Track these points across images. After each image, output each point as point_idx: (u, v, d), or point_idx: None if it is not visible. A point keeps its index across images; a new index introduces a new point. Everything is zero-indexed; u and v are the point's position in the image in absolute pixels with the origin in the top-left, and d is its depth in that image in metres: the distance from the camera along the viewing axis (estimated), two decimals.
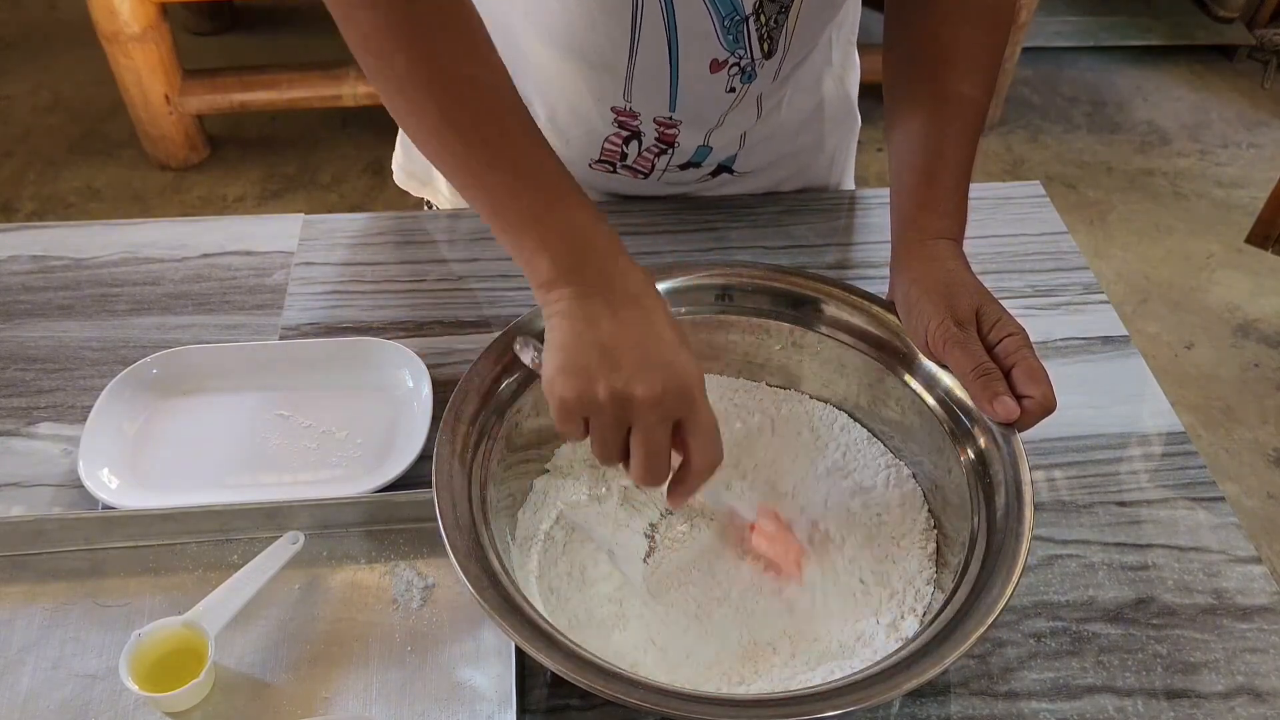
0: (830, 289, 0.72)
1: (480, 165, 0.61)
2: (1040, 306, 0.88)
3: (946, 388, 0.67)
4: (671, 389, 0.56)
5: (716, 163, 0.91)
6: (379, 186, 2.43)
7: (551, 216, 0.60)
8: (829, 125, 0.96)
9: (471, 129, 0.61)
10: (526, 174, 0.61)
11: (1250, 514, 1.82)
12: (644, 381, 0.56)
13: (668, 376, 0.56)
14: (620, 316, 0.58)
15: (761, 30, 0.77)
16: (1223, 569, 0.70)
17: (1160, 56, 2.94)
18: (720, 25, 0.75)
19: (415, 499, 0.69)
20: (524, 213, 0.61)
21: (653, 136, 0.86)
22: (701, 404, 0.58)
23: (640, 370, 0.56)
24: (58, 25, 2.91)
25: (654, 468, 0.58)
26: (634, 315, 0.58)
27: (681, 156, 0.89)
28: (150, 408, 0.77)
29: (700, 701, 0.53)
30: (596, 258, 0.59)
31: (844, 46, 0.92)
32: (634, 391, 0.56)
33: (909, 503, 0.69)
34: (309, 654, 0.63)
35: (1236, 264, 2.31)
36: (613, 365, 0.56)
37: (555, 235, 0.60)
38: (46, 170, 2.45)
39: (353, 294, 0.87)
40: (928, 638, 0.55)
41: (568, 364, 0.57)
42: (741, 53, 0.78)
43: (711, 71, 0.79)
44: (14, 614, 0.65)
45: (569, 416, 0.58)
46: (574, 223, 0.60)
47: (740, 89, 0.81)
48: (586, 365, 0.57)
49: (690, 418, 0.58)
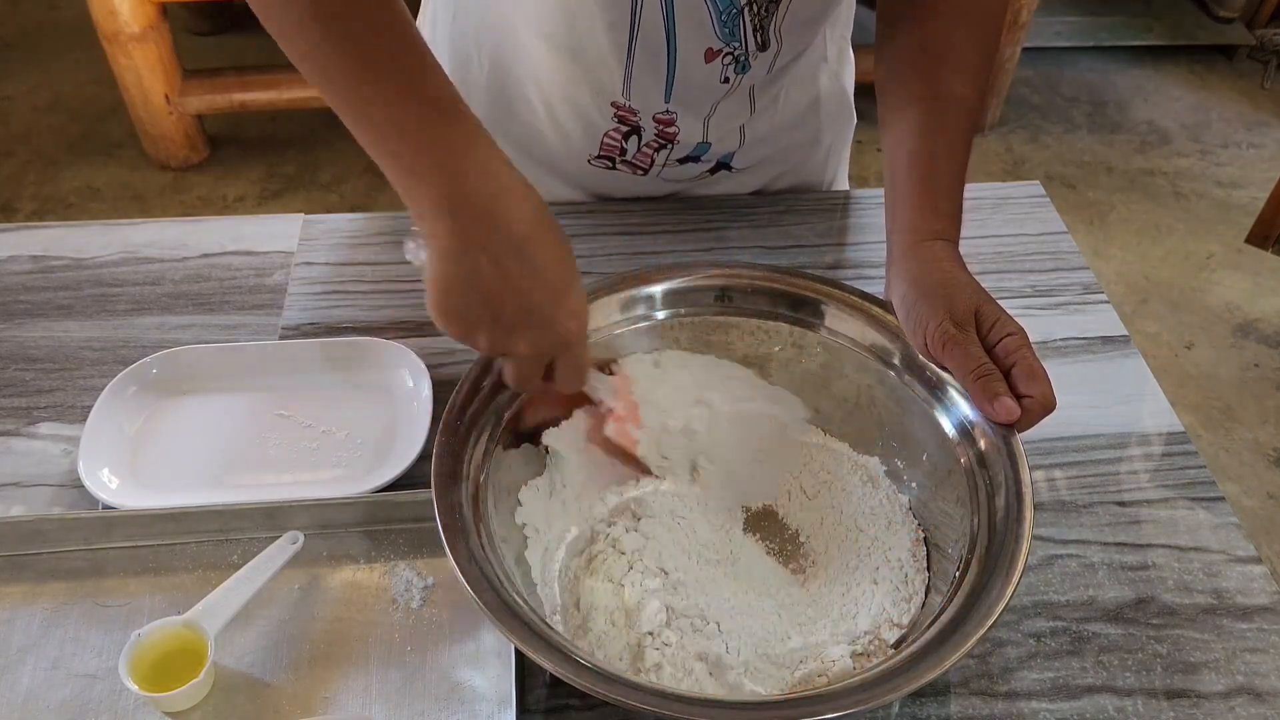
0: (830, 289, 0.72)
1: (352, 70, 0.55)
2: (1040, 306, 0.88)
3: (946, 388, 0.67)
4: (549, 341, 0.59)
5: (716, 159, 0.92)
6: (379, 186, 2.43)
7: (430, 134, 0.55)
8: (825, 121, 0.96)
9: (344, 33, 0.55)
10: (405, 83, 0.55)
11: (1250, 514, 1.82)
12: (523, 337, 0.58)
13: (547, 330, 0.58)
14: (500, 262, 0.55)
15: (754, 20, 0.77)
16: (1223, 569, 0.70)
17: (1160, 56, 2.94)
18: (717, 18, 0.75)
19: (415, 499, 0.69)
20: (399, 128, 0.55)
21: (652, 132, 0.86)
22: (577, 348, 0.61)
23: (520, 324, 0.57)
24: (58, 25, 2.91)
25: (523, 388, 0.63)
26: (516, 260, 0.56)
27: (681, 151, 0.89)
28: (150, 408, 0.77)
29: (700, 704, 0.53)
30: (480, 190, 0.55)
31: (839, 43, 0.93)
32: (514, 347, 0.58)
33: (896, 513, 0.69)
34: (309, 654, 0.63)
35: (1236, 264, 2.31)
36: (493, 317, 0.57)
37: (433, 160, 0.55)
38: (46, 170, 2.45)
39: (353, 294, 0.87)
40: (928, 639, 0.55)
41: (449, 307, 0.57)
42: (736, 44, 0.78)
43: (706, 61, 0.79)
44: (14, 614, 0.65)
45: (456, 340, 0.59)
46: (454, 145, 0.56)
47: (734, 79, 0.81)
48: (463, 313, 0.57)
49: (563, 357, 0.61)
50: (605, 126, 0.86)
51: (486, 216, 0.56)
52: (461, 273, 0.56)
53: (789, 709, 0.52)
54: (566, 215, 0.94)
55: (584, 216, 0.94)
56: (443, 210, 0.55)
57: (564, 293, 0.58)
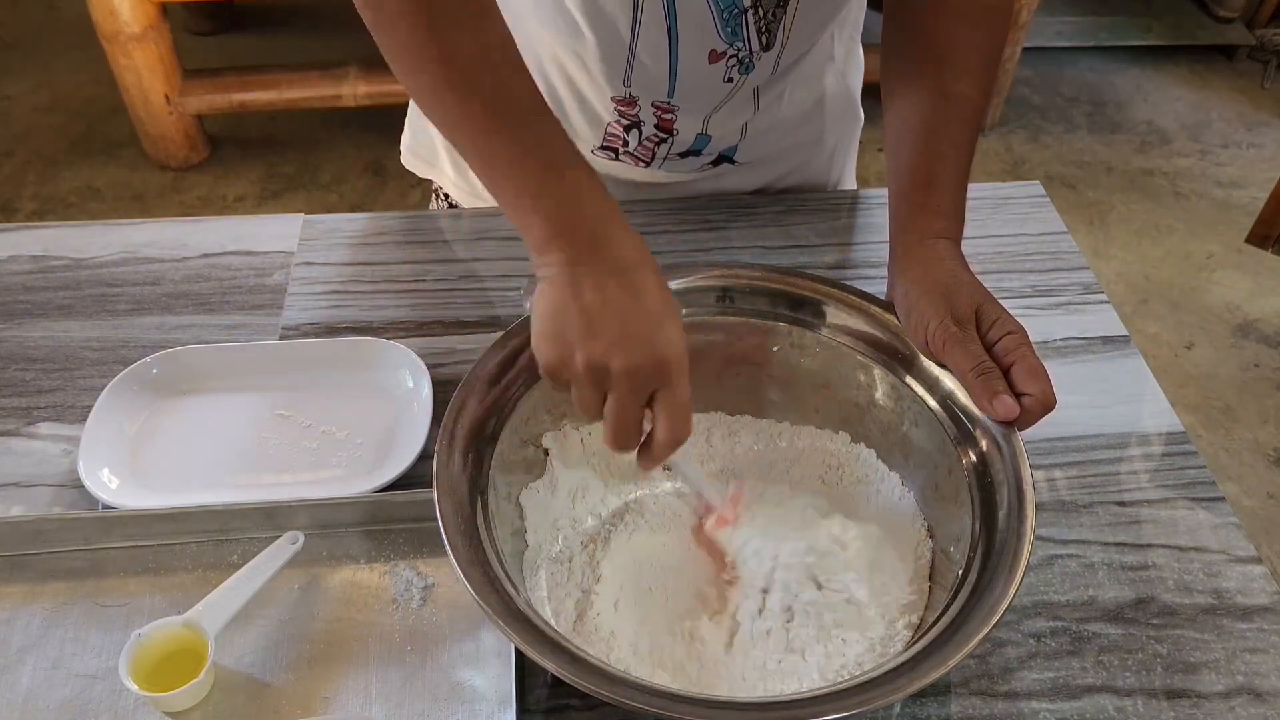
0: (830, 290, 0.72)
1: (480, 128, 0.62)
2: (1040, 306, 0.88)
3: (947, 388, 0.67)
4: (648, 363, 0.57)
5: (717, 152, 0.92)
6: (379, 186, 2.43)
7: (548, 179, 0.61)
8: (830, 121, 0.96)
9: (471, 92, 0.61)
10: (526, 137, 0.61)
11: (1250, 514, 1.82)
12: (620, 354, 0.57)
13: (645, 351, 0.57)
14: (606, 285, 0.58)
15: (760, 23, 0.77)
16: (1223, 569, 0.70)
17: (1160, 56, 2.94)
18: (719, 18, 0.75)
19: (415, 499, 0.69)
20: (522, 176, 0.61)
21: (651, 124, 0.86)
22: (678, 380, 0.58)
23: (618, 342, 0.57)
24: (58, 25, 2.91)
25: (622, 435, 0.59)
26: (619, 285, 0.58)
27: (681, 145, 0.89)
28: (150, 408, 0.77)
29: (701, 704, 0.53)
30: (589, 223, 0.60)
31: (847, 43, 0.93)
32: (610, 363, 0.57)
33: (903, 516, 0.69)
34: (309, 654, 0.63)
35: (1236, 264, 2.31)
36: (592, 334, 0.57)
37: (550, 198, 0.60)
38: (46, 170, 2.45)
39: (353, 294, 0.87)
40: (931, 640, 0.55)
41: (550, 330, 0.59)
42: (740, 45, 0.78)
43: (710, 62, 0.79)
44: (14, 614, 0.65)
45: (552, 377, 0.60)
46: (570, 186, 0.61)
47: (738, 80, 0.82)
48: (566, 333, 0.58)
49: (664, 392, 0.58)
50: (607, 119, 0.87)
51: (595, 242, 0.59)
52: (567, 296, 0.58)
53: (791, 709, 0.52)
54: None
55: None
56: (557, 241, 0.59)
57: (662, 320, 0.58)
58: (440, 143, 0.98)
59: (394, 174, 2.42)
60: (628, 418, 0.58)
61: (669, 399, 0.58)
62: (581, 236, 0.59)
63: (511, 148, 0.61)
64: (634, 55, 0.79)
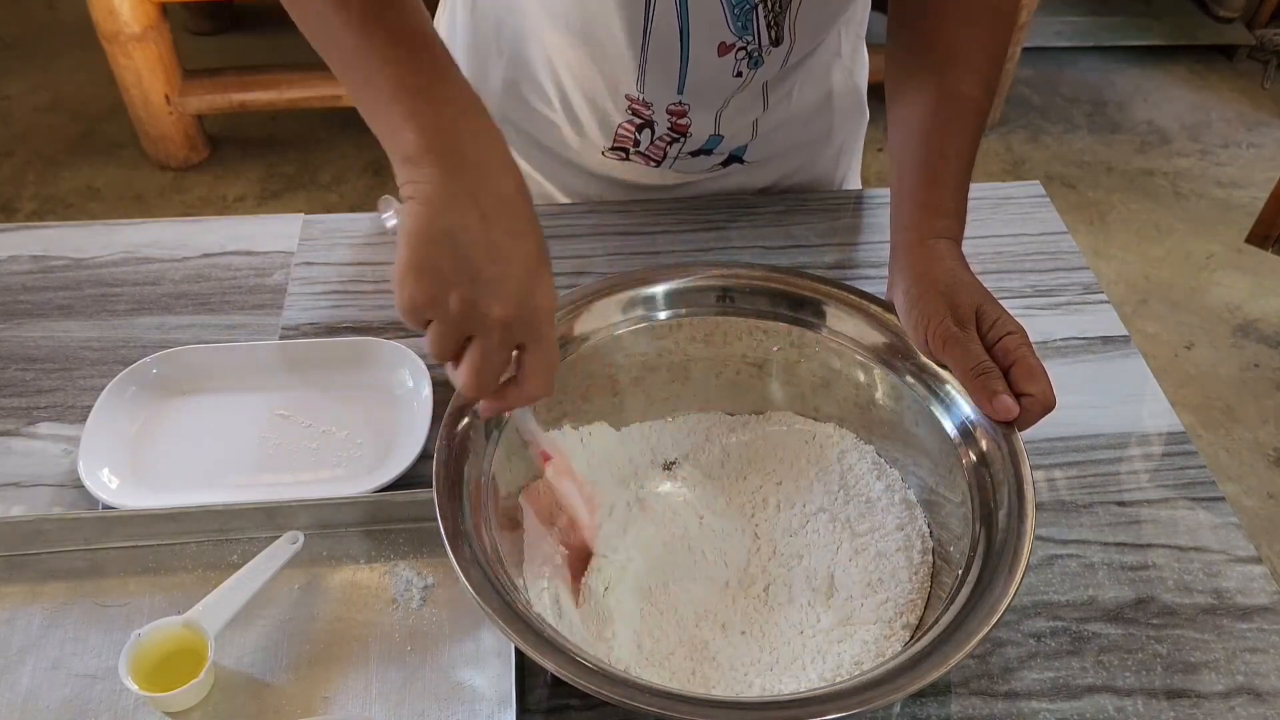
0: (830, 289, 0.72)
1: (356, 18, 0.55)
2: (1040, 306, 0.88)
3: (947, 388, 0.67)
4: (525, 314, 0.53)
5: (728, 152, 0.92)
6: (379, 186, 2.43)
7: (429, 89, 0.55)
8: (838, 117, 0.96)
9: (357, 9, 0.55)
10: (404, 42, 0.55)
11: (1250, 514, 1.82)
12: (499, 301, 0.52)
13: (523, 300, 0.53)
14: (489, 218, 0.52)
15: (769, 17, 0.77)
16: (1223, 569, 0.70)
17: (1160, 56, 2.94)
18: (730, 13, 0.76)
19: (415, 499, 0.69)
20: (397, 81, 0.54)
21: (665, 125, 0.87)
22: (547, 334, 0.55)
23: (497, 286, 0.52)
24: (58, 25, 2.91)
25: (482, 384, 0.55)
26: (503, 220, 0.53)
27: (693, 144, 0.89)
28: (150, 408, 0.77)
29: (701, 704, 0.53)
30: (470, 142, 0.54)
31: (853, 40, 0.93)
32: (487, 309, 0.52)
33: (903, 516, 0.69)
34: (309, 654, 0.63)
35: (1236, 264, 2.31)
36: (471, 274, 0.52)
37: (429, 109, 0.54)
38: (46, 170, 2.45)
39: (353, 294, 0.87)
40: (932, 639, 0.55)
41: (422, 261, 0.52)
42: (749, 39, 0.78)
43: (719, 55, 0.79)
44: (14, 614, 0.65)
45: (413, 314, 0.53)
46: (452, 99, 0.55)
47: (747, 74, 0.82)
48: (441, 267, 0.52)
49: (534, 345, 0.55)
50: (619, 119, 0.87)
51: (479, 168, 0.53)
52: (446, 223, 0.52)
53: (791, 709, 0.52)
54: (567, 215, 0.94)
55: (584, 216, 0.94)
56: (432, 156, 0.53)
57: (541, 269, 0.54)
58: None
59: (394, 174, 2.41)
60: (491, 365, 0.54)
61: (539, 353, 0.55)
62: (463, 156, 0.53)
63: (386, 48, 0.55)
64: (646, 53, 0.79)
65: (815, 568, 0.66)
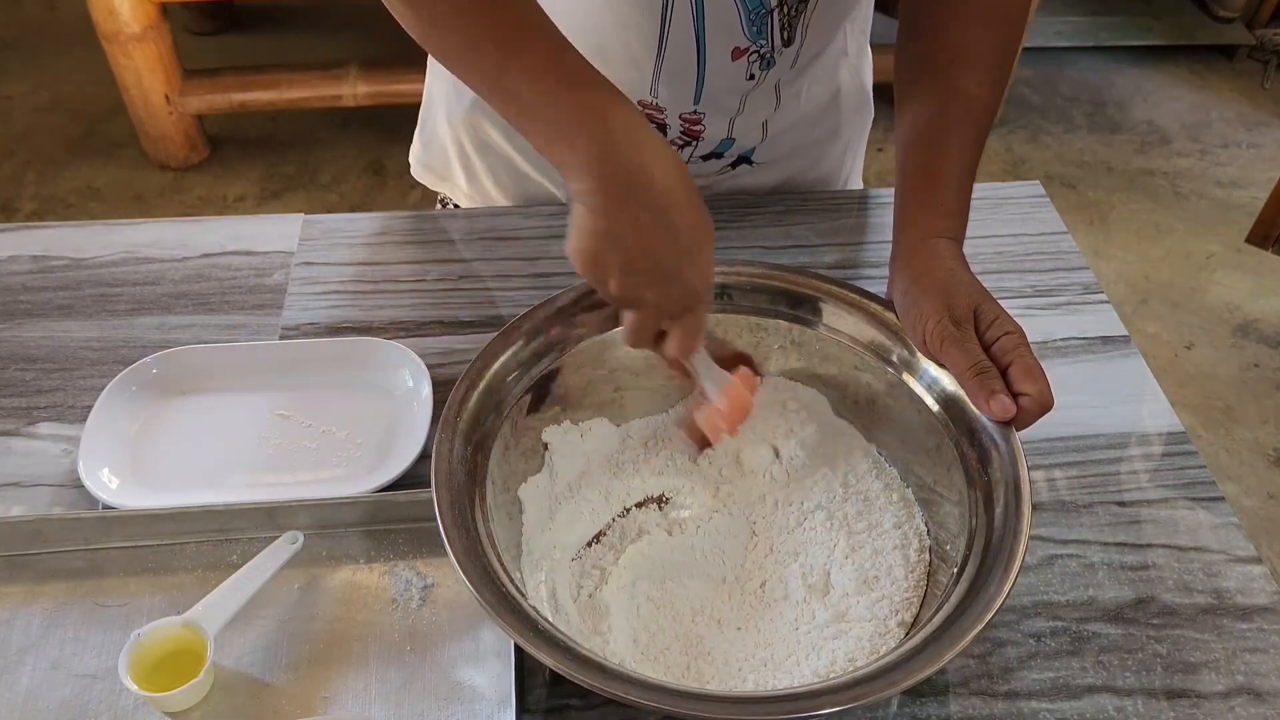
0: (830, 288, 0.72)
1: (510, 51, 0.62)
2: (1040, 306, 0.88)
3: (945, 387, 0.67)
4: (674, 299, 0.63)
5: (738, 154, 0.92)
6: (379, 186, 2.43)
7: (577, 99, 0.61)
8: (845, 115, 0.97)
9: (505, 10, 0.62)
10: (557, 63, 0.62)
11: (1250, 514, 1.82)
12: (652, 290, 0.62)
13: (675, 286, 0.62)
14: (641, 221, 0.60)
15: (783, 19, 0.77)
16: (1223, 569, 0.70)
17: (1160, 56, 2.94)
18: (746, 18, 0.76)
19: (415, 499, 0.69)
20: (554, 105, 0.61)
21: (678, 130, 0.87)
22: (698, 309, 0.64)
23: (650, 280, 0.61)
24: (58, 25, 2.91)
25: (636, 341, 0.66)
26: (655, 221, 0.60)
27: (705, 148, 0.90)
28: (150, 408, 0.77)
29: (700, 699, 0.53)
30: (626, 155, 0.60)
31: (859, 38, 0.94)
32: (641, 297, 0.62)
33: (900, 514, 0.69)
34: (308, 654, 0.63)
35: (1236, 264, 2.31)
36: (627, 268, 0.61)
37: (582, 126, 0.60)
38: (46, 170, 2.45)
39: (353, 294, 0.87)
40: (926, 636, 0.55)
41: (588, 253, 0.61)
42: (763, 42, 0.79)
43: (733, 59, 0.80)
44: (14, 614, 0.65)
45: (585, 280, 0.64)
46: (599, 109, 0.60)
47: (760, 75, 0.82)
48: (605, 261, 0.61)
49: (683, 317, 0.64)
50: None
51: (633, 175, 0.59)
52: (605, 227, 0.60)
53: (788, 704, 0.52)
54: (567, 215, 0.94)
55: None
56: (592, 170, 0.60)
57: (694, 253, 0.62)
58: (454, 154, 0.97)
59: (394, 174, 2.42)
60: (647, 330, 0.65)
61: (683, 324, 0.64)
62: (619, 166, 0.59)
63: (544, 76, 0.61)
64: (661, 62, 0.79)
65: (812, 565, 0.66)
